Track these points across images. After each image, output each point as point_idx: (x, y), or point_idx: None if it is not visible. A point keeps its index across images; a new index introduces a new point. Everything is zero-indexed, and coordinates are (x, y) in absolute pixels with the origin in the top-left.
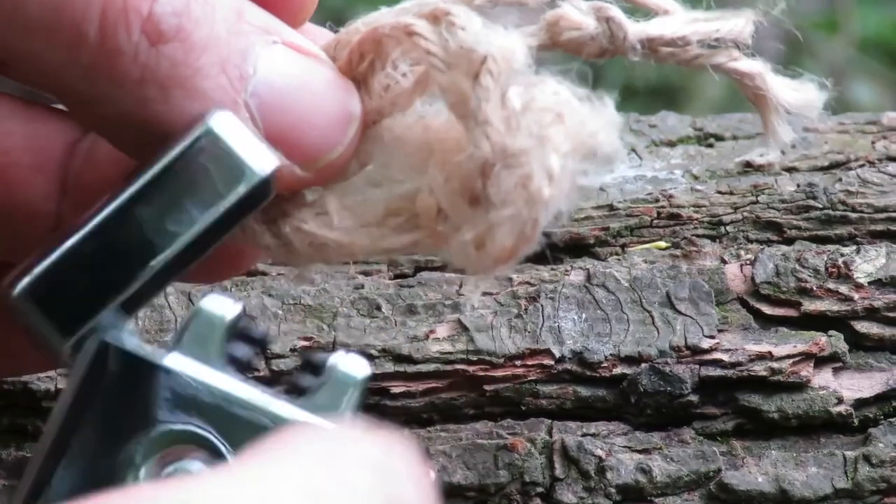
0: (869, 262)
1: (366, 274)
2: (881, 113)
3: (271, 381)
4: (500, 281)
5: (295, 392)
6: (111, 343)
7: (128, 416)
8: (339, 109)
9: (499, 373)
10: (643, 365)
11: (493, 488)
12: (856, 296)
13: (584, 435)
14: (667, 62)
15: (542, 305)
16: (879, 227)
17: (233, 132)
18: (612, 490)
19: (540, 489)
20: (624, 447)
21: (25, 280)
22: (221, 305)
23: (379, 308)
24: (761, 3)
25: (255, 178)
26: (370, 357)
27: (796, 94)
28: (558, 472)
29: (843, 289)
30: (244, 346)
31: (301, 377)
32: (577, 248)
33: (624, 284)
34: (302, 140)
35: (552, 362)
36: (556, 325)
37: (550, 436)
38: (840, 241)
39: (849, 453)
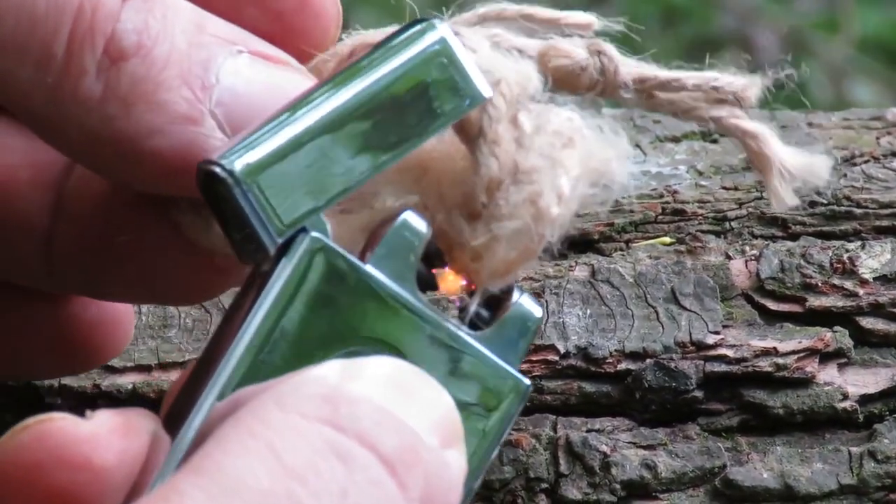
0: (874, 258)
1: None
2: (885, 109)
3: None
4: None
5: (469, 322)
6: (327, 244)
7: (322, 325)
8: None
9: None
10: (648, 361)
11: (498, 484)
12: (861, 291)
13: (588, 431)
14: (662, 110)
15: (546, 301)
16: (884, 223)
17: (461, 50)
18: (617, 486)
19: (545, 485)
20: (629, 443)
21: (247, 158)
22: (420, 223)
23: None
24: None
25: (480, 99)
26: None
27: (802, 160)
28: (563, 467)
29: (848, 284)
30: (430, 268)
31: (476, 307)
32: (581, 243)
33: (628, 280)
34: None
35: (557, 358)
36: (561, 320)
37: (555, 431)
38: (845, 236)
39: (854, 449)
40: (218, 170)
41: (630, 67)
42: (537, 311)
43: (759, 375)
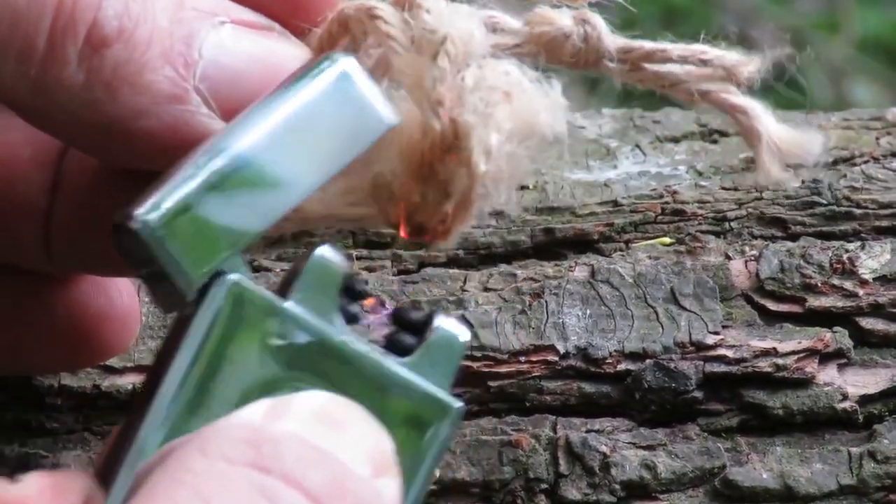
0: (874, 258)
1: (370, 270)
2: (885, 109)
3: None
4: (505, 277)
5: (395, 349)
6: (244, 286)
7: (248, 366)
8: None
9: (503, 369)
10: (647, 361)
11: (498, 484)
12: (860, 292)
13: (588, 431)
14: (649, 83)
15: (546, 301)
16: (884, 223)
17: (363, 82)
18: (617, 486)
19: (544, 485)
20: (628, 443)
21: (159, 211)
22: (336, 257)
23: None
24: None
25: (385, 127)
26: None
27: (793, 135)
28: (563, 468)
29: (848, 285)
30: (352, 300)
31: (400, 334)
32: (581, 244)
33: (628, 280)
34: None
35: (556, 358)
36: (561, 321)
37: (555, 432)
38: (845, 237)
39: (854, 450)
40: (130, 224)
41: (615, 38)
42: (462, 334)
43: (759, 376)
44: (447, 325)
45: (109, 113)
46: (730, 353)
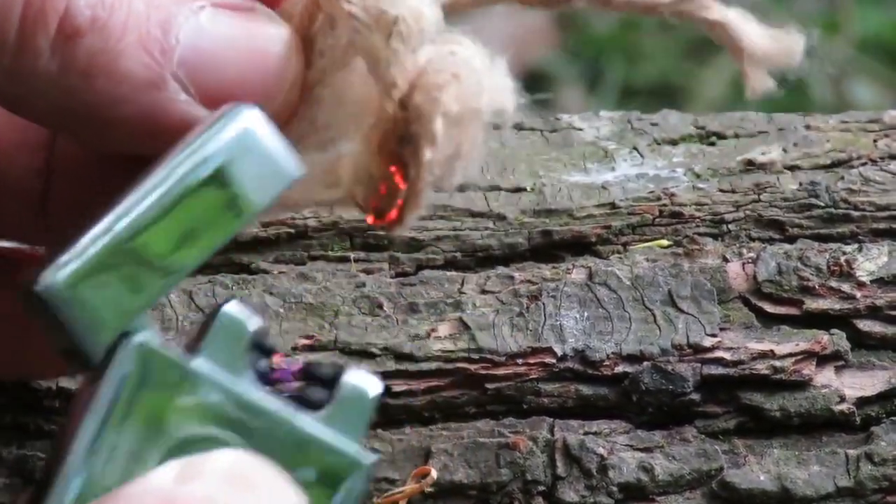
0: (871, 261)
1: (367, 272)
2: (883, 111)
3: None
4: (502, 279)
5: (306, 405)
6: (149, 346)
7: (157, 428)
8: (273, 62)
9: (500, 371)
10: (645, 363)
11: (495, 487)
12: (858, 294)
13: (585, 433)
14: (623, 9)
15: (543, 304)
16: (882, 226)
17: (268, 134)
18: (614, 488)
19: (542, 487)
20: (626, 445)
21: (61, 273)
22: (244, 312)
23: (380, 306)
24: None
25: (289, 180)
26: (371, 355)
27: (775, 42)
28: (560, 470)
29: (846, 287)
30: (262, 357)
31: (311, 389)
32: (578, 246)
33: (626, 283)
34: (236, 99)
35: (554, 361)
36: (558, 323)
37: (552, 434)
38: (842, 239)
39: (851, 452)
40: (34, 287)
41: None
42: (372, 388)
43: (757, 378)
44: (358, 378)
45: (86, 101)
46: (727, 356)
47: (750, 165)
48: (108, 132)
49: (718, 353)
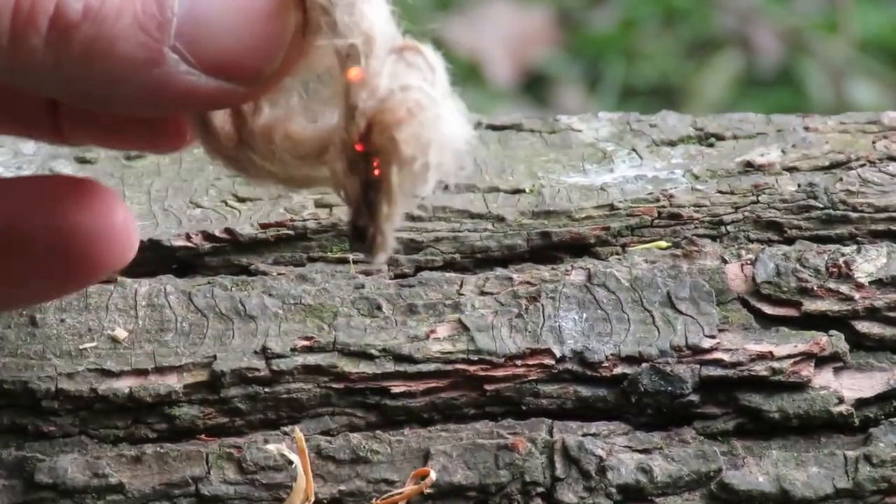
0: (869, 262)
1: (366, 274)
2: (882, 112)
3: (271, 380)
4: (501, 280)
5: None
6: None
7: None
8: (268, 27)
9: (499, 372)
10: (644, 365)
11: (494, 488)
12: (856, 295)
13: (584, 435)
14: None
15: (542, 305)
16: (880, 227)
17: None
18: (613, 490)
19: (541, 489)
20: (624, 447)
21: None
22: None
23: (379, 308)
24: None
25: None
26: (370, 357)
27: None
28: (559, 471)
29: (844, 288)
30: None
31: None
32: (577, 247)
33: (624, 284)
34: (236, 62)
35: (553, 362)
36: (557, 324)
37: (551, 435)
38: (841, 240)
39: (850, 453)
40: None
41: None
42: None
43: (755, 379)
44: None
45: (86, 86)
46: (726, 357)
47: (748, 167)
48: (113, 107)
49: (717, 355)
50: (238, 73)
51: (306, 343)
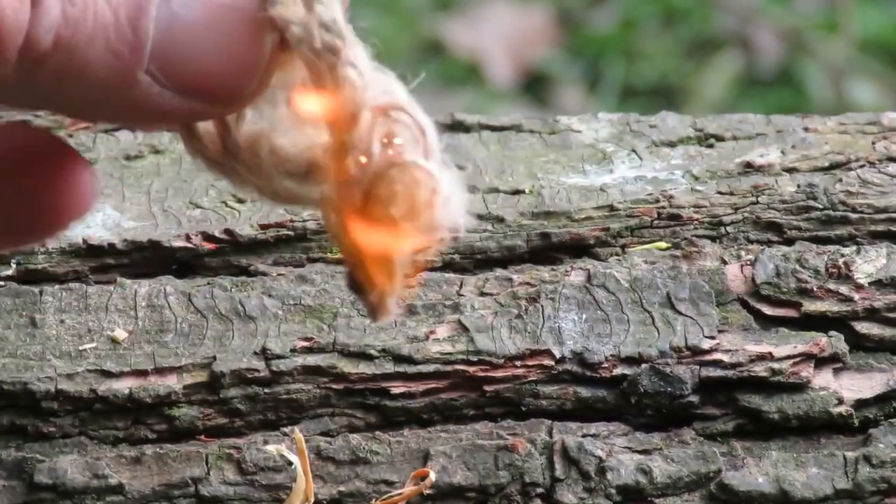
0: (869, 263)
1: None
2: (881, 113)
3: (271, 381)
4: (501, 281)
5: None
6: None
7: None
8: (246, 49)
9: (499, 373)
10: (643, 365)
11: (494, 489)
12: (856, 296)
13: (584, 435)
14: None
15: (542, 306)
16: (880, 228)
17: None
18: (613, 490)
19: (540, 490)
20: (624, 448)
21: None
22: None
23: None
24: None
25: None
26: (369, 357)
27: None
28: (559, 472)
29: (844, 289)
30: None
31: None
32: (577, 248)
33: (624, 285)
34: (212, 84)
35: (552, 363)
36: (557, 325)
37: (551, 436)
38: (840, 241)
39: (849, 454)
40: None
41: None
42: None
43: (755, 380)
44: None
45: (62, 103)
46: (725, 358)
47: (748, 167)
48: (94, 120)
49: (717, 356)
50: (213, 95)
51: (306, 344)
